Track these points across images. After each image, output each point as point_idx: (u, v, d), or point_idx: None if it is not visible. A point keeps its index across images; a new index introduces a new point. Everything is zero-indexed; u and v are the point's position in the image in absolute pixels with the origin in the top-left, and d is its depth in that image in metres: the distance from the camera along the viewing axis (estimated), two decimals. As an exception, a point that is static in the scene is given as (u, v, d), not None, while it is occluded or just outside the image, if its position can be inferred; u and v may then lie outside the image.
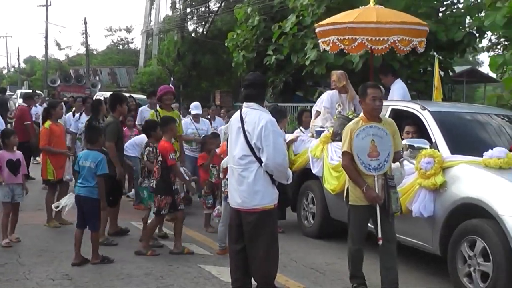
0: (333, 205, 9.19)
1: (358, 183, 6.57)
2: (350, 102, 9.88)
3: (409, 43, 10.15)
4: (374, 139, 6.53)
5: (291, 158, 9.95)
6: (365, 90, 6.75)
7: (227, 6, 37.06)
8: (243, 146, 5.85)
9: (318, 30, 10.99)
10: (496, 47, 26.46)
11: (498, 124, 8.27)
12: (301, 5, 20.85)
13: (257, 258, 5.87)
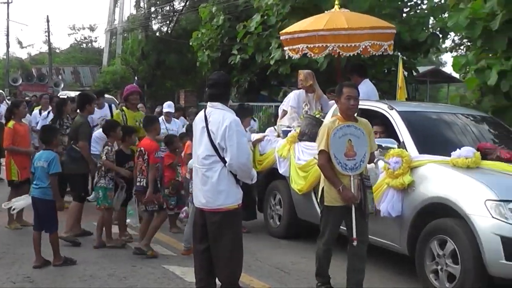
0: (300, 205, 9.08)
1: (334, 182, 6.45)
2: (317, 101, 9.76)
3: (380, 48, 10.03)
4: (351, 139, 6.42)
5: (257, 158, 9.87)
6: (340, 89, 6.67)
7: (191, 5, 36.78)
8: (207, 146, 5.78)
9: (284, 38, 10.65)
10: (459, 48, 26.77)
11: (465, 124, 8.22)
12: (266, 5, 20.73)
13: (221, 258, 5.80)
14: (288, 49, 10.45)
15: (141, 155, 8.54)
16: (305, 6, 19.44)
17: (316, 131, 8.79)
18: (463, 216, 6.39)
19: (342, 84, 6.82)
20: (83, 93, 11.76)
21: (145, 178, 8.44)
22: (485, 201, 6.25)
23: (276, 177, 9.63)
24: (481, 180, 6.46)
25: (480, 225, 6.22)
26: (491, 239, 6.13)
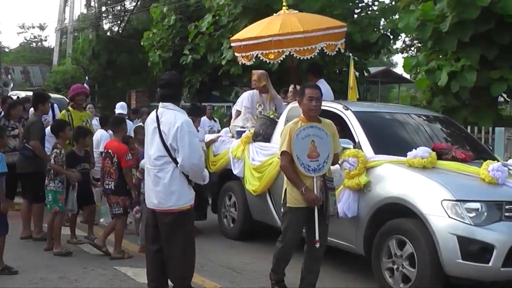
0: (255, 206, 8.91)
1: (297, 184, 6.26)
2: (270, 102, 9.56)
3: (334, 48, 9.88)
4: (314, 140, 6.23)
5: (211, 159, 9.67)
6: (303, 90, 6.50)
7: (143, 5, 36.39)
8: (159, 146, 5.69)
9: (236, 44, 10.18)
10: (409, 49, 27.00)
11: (420, 124, 8.12)
12: (218, 5, 20.55)
13: (173, 259, 5.74)
14: (241, 56, 9.99)
15: (109, 157, 8.34)
16: (257, 7, 19.33)
17: (270, 132, 8.68)
18: (419, 216, 6.29)
19: (305, 85, 6.67)
20: (37, 92, 11.55)
21: (113, 181, 8.27)
22: (441, 201, 6.16)
23: (230, 178, 9.44)
24: (437, 180, 6.37)
25: (437, 225, 6.13)
26: (448, 239, 6.05)
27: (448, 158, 6.92)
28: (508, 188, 6.37)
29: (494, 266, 5.95)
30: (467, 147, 7.50)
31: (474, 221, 6.03)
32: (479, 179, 6.43)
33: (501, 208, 6.11)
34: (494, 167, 6.33)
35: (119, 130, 8.64)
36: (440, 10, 13.44)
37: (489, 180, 6.34)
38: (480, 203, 6.11)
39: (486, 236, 5.98)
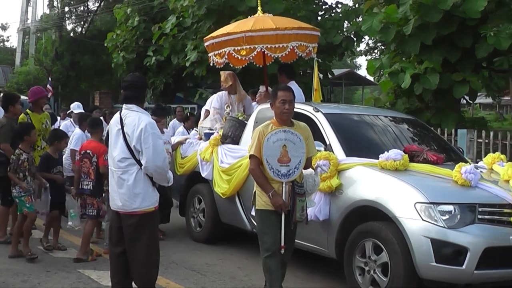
0: (224, 209, 8.63)
1: (265, 188, 6.00)
2: (239, 103, 9.29)
3: (305, 49, 9.61)
4: (286, 144, 5.94)
5: (179, 161, 9.39)
6: (275, 93, 6.22)
7: (106, 6, 35.84)
8: (123, 148, 5.56)
9: (209, 43, 9.87)
10: (373, 51, 27.01)
11: (391, 126, 7.96)
12: (182, 6, 20.35)
13: (137, 261, 5.60)
14: (214, 55, 9.68)
15: (88, 158, 8.10)
16: (221, 8, 19.24)
17: (239, 134, 8.43)
18: (392, 219, 6.11)
19: (277, 87, 6.38)
20: (6, 93, 11.16)
21: (92, 182, 8.07)
22: (414, 204, 5.99)
23: (198, 181, 9.14)
24: (410, 183, 6.19)
25: (410, 228, 5.96)
26: (422, 242, 5.88)
27: (419, 160, 6.76)
28: (480, 190, 6.22)
29: (468, 269, 5.80)
30: (438, 149, 7.35)
31: (447, 223, 5.86)
32: (452, 182, 6.27)
33: (474, 210, 5.96)
34: (467, 170, 6.17)
35: (98, 131, 8.48)
36: (403, 13, 13.42)
37: (462, 182, 6.18)
38: (453, 205, 5.95)
39: (459, 238, 5.82)
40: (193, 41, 19.90)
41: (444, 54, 13.41)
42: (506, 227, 5.98)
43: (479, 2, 12.33)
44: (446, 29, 13.00)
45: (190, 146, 9.42)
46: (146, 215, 5.56)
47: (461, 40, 13.17)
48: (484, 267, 5.84)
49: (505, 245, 5.92)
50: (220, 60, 9.61)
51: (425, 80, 13.20)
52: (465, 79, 13.22)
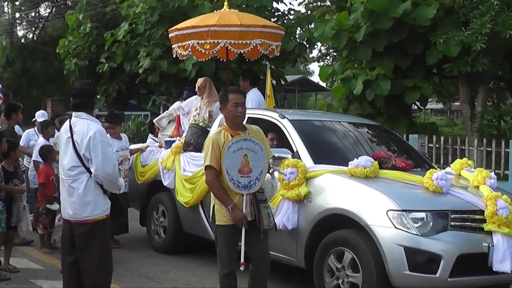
0: (187, 218, 8.14)
1: (224, 201, 5.49)
2: (206, 108, 8.67)
3: (268, 47, 9.42)
4: (247, 154, 5.44)
5: (139, 170, 8.88)
6: (225, 95, 5.67)
7: (58, 12, 34.94)
8: (72, 156, 5.37)
9: (174, 34, 9.58)
10: (325, 58, 26.83)
11: (357, 132, 7.63)
12: (134, 13, 19.85)
13: (89, 269, 5.40)
14: (177, 46, 9.42)
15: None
16: (173, 15, 18.84)
17: (201, 141, 7.99)
18: (364, 227, 5.80)
19: (227, 89, 5.81)
20: (9, 102, 11.11)
21: None
22: (387, 212, 5.69)
23: (160, 190, 8.63)
24: (381, 190, 5.89)
25: (383, 236, 5.66)
26: (394, 250, 5.59)
27: (388, 167, 6.44)
28: (452, 196, 5.96)
29: (442, 277, 5.54)
30: (404, 155, 7.05)
31: (420, 231, 5.59)
32: (424, 188, 5.99)
33: (447, 217, 5.70)
34: (438, 176, 5.89)
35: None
36: (355, 20, 13.26)
37: (434, 189, 5.90)
38: (425, 212, 5.68)
39: (433, 246, 5.55)
40: (146, 48, 19.43)
41: (395, 61, 13.26)
42: (478, 233, 5.75)
43: (428, 10, 12.25)
44: (397, 36, 12.85)
45: (150, 154, 8.92)
46: (97, 223, 5.37)
47: (411, 47, 13.05)
48: (457, 275, 5.60)
49: (478, 251, 5.68)
50: (183, 52, 9.40)
51: (377, 86, 13.01)
52: (416, 85, 13.10)
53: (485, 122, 12.42)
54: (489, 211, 5.69)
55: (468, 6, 11.88)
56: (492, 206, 5.70)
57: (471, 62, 11.87)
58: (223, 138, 5.53)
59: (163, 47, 19.46)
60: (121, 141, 8.73)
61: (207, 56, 10.13)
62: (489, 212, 5.69)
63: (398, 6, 12.38)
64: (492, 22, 11.23)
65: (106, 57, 21.64)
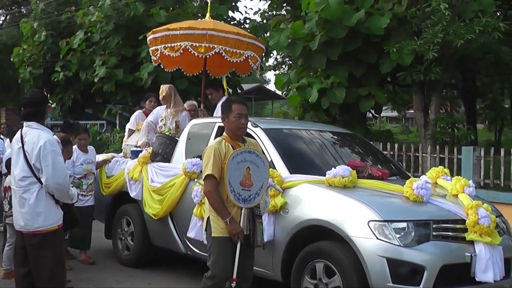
0: (155, 230, 7.55)
1: (222, 213, 5.05)
2: (172, 118, 8.14)
3: (256, 61, 8.78)
4: (250, 167, 5.04)
5: (104, 181, 8.25)
6: (229, 106, 5.28)
7: (12, 19, 33.69)
8: (23, 167, 5.14)
9: (162, 34, 8.52)
10: (281, 66, 26.47)
11: (331, 141, 7.19)
12: (89, 22, 19.20)
13: (41, 280, 5.16)
14: (164, 47, 8.46)
15: None
16: (129, 24, 18.28)
17: (170, 151, 7.47)
18: (345, 238, 5.36)
19: (230, 100, 5.43)
20: None
21: None
22: (368, 222, 5.27)
23: (126, 201, 8.01)
24: (362, 200, 5.46)
25: (365, 248, 5.23)
26: (377, 262, 5.16)
27: (364, 176, 6.01)
28: (433, 206, 5.58)
29: (425, 288, 5.16)
30: (379, 164, 6.65)
31: (403, 242, 5.18)
32: (404, 198, 5.59)
33: (429, 227, 5.31)
34: (418, 185, 5.51)
35: None
36: (310, 29, 12.98)
37: (414, 198, 5.51)
38: (407, 222, 5.27)
39: (416, 257, 5.14)
40: (102, 56, 18.80)
41: (350, 69, 13.00)
42: (460, 243, 5.37)
43: (382, 20, 12.02)
44: (351, 45, 12.59)
45: (116, 164, 8.31)
46: (49, 233, 5.12)
47: (366, 55, 12.79)
48: (441, 286, 5.19)
49: (460, 262, 5.30)
50: (172, 54, 8.43)
51: (332, 94, 12.70)
52: (371, 93, 12.84)
53: (438, 130, 12.20)
54: (470, 220, 5.35)
55: (420, 16, 11.74)
56: (473, 215, 5.35)
57: (424, 70, 11.72)
58: (224, 149, 5.13)
59: (119, 56, 18.89)
60: (87, 154, 8.11)
61: (174, 66, 9.35)
62: (471, 221, 5.34)
63: (352, 15, 12.15)
64: (443, 31, 11.07)
65: (61, 65, 20.93)
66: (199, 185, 6.25)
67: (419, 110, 12.75)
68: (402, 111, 19.81)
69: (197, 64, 9.34)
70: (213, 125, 7.15)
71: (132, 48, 19.09)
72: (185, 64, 9.44)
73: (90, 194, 8.01)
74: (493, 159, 9.90)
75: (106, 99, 22.11)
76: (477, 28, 10.87)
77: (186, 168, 6.90)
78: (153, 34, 8.65)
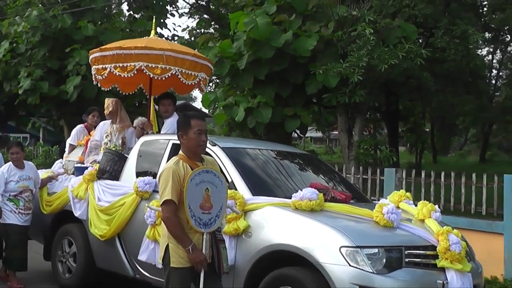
0: (101, 252, 6.60)
1: (183, 241, 4.25)
2: (119, 134, 7.22)
3: (206, 83, 7.93)
4: (209, 188, 4.27)
5: (45, 199, 7.20)
6: (187, 121, 4.47)
7: None
8: None
9: (113, 52, 7.30)
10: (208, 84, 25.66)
11: (292, 162, 6.53)
12: (15, 32, 17.76)
13: None
14: (113, 67, 7.26)
15: None
16: (56, 36, 17.07)
17: (118, 168, 6.58)
18: (315, 265, 4.73)
19: (188, 115, 4.61)
20: None
21: None
22: (339, 248, 4.67)
23: (68, 220, 7.00)
24: (332, 225, 4.86)
25: (336, 275, 4.61)
26: (349, 290, 4.57)
27: (328, 199, 5.38)
28: (403, 231, 5.05)
29: (399, 317, 4.58)
30: (339, 186, 6.05)
31: (375, 268, 4.61)
32: (373, 223, 5.03)
33: (401, 253, 4.78)
34: (389, 210, 4.96)
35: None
36: (238, 49, 12.43)
37: (385, 223, 4.96)
38: (380, 249, 4.71)
39: (390, 285, 4.59)
40: (27, 68, 17.41)
41: (277, 89, 12.51)
42: (431, 270, 4.85)
43: (309, 42, 11.62)
44: (278, 65, 12.11)
45: (59, 181, 7.30)
46: None
47: (292, 76, 12.35)
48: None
49: (433, 289, 4.79)
50: (124, 74, 7.20)
51: (258, 113, 12.17)
52: (296, 114, 12.40)
53: (361, 151, 11.87)
54: (442, 247, 4.85)
55: (346, 40, 11.46)
56: (444, 241, 4.86)
57: (349, 93, 11.39)
58: (183, 170, 4.32)
59: (45, 68, 17.62)
60: (23, 170, 7.06)
61: (110, 84, 8.10)
62: (442, 248, 4.84)
63: (280, 36, 11.71)
64: (368, 56, 10.83)
65: (-15, 76, 19.28)
66: (151, 210, 5.44)
67: (344, 131, 12.41)
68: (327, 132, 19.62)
69: (133, 83, 8.38)
70: (167, 142, 6.36)
71: (59, 61, 17.80)
72: (121, 83, 8.32)
73: (29, 213, 7.00)
74: (414, 180, 9.63)
75: (30, 112, 20.59)
76: (401, 54, 10.73)
77: (138, 187, 6.06)
78: (101, 52, 7.43)
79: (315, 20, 12.19)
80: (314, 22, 12.13)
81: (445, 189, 9.25)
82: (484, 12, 19.45)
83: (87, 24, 17.15)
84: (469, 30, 12.18)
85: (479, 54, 20.75)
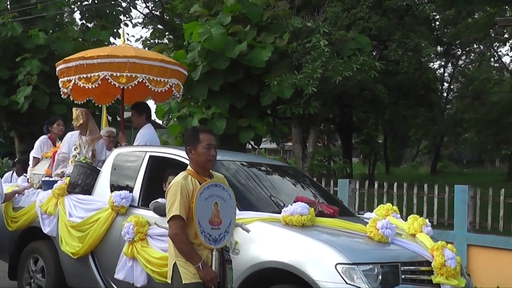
0: (72, 271, 5.96)
1: (193, 258, 3.85)
2: (88, 146, 6.64)
3: (179, 89, 7.37)
4: (218, 202, 3.90)
5: (10, 215, 6.49)
6: (196, 135, 4.10)
7: None
8: None
9: (76, 63, 6.75)
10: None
11: (276, 175, 6.08)
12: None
13: None
14: (78, 78, 6.66)
15: None
16: (6, 45, 16.31)
17: (91, 182, 6.05)
18: (309, 283, 4.35)
19: (197, 128, 4.31)
20: None
21: None
22: (335, 265, 4.33)
23: (36, 237, 6.34)
24: (326, 241, 4.51)
25: (333, 293, 4.22)
26: (348, 309, 4.18)
27: (316, 214, 4.97)
28: (398, 246, 4.76)
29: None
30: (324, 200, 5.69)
31: (372, 286, 4.31)
32: (367, 238, 4.70)
33: (398, 269, 4.48)
34: (383, 225, 4.65)
35: None
36: (192, 59, 11.98)
37: (379, 239, 4.65)
38: (376, 265, 4.41)
39: (388, 303, 4.25)
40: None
41: (231, 100, 12.11)
42: (427, 286, 4.58)
43: (263, 53, 11.31)
44: (233, 76, 11.73)
45: (24, 196, 6.62)
46: None
47: (247, 87, 11.98)
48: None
49: (430, 306, 4.47)
50: (88, 85, 6.66)
51: (213, 125, 11.68)
52: (251, 125, 12.03)
53: (315, 162, 11.65)
54: (437, 262, 4.57)
55: (300, 51, 11.22)
56: (439, 256, 4.58)
57: (303, 104, 11.13)
58: (192, 185, 3.93)
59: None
60: None
61: (85, 97, 7.59)
62: (437, 263, 4.56)
63: (234, 47, 11.35)
64: (323, 67, 10.64)
65: None
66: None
67: (298, 142, 12.15)
68: (281, 143, 19.31)
69: (108, 94, 7.83)
70: (143, 154, 5.84)
71: (9, 70, 16.71)
72: (95, 95, 7.76)
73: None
74: (367, 191, 9.50)
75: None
76: (355, 66, 10.60)
77: (113, 201, 5.52)
78: (65, 64, 6.84)
79: (270, 31, 11.89)
80: (269, 33, 11.83)
81: (397, 200, 9.14)
82: (437, 26, 19.65)
83: (38, 33, 16.30)
84: (422, 43, 12.23)
85: (431, 67, 21.06)
